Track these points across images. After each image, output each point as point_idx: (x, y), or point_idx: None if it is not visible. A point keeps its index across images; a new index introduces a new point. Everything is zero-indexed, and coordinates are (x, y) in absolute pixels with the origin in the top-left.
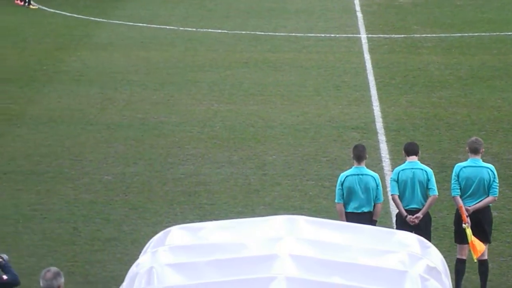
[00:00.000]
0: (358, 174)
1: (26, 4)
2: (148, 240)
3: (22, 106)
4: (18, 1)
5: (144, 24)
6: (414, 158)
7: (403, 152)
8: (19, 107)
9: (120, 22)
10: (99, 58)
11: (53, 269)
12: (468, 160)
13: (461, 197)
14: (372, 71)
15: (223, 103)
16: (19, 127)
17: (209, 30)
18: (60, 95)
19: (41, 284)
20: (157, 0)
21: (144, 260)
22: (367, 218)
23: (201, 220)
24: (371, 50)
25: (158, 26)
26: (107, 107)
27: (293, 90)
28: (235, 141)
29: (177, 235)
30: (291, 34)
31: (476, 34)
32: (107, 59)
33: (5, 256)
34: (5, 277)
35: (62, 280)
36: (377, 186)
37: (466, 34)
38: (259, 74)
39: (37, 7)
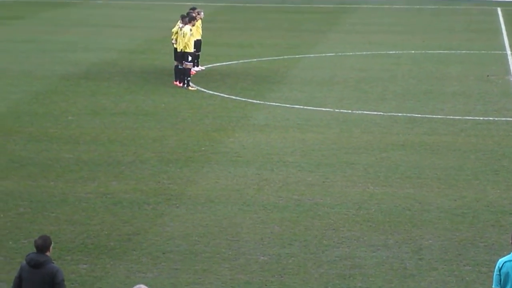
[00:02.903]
0: None
1: (185, 85)
2: None
3: (181, 186)
4: (177, 83)
5: (300, 106)
6: None
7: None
8: (178, 187)
9: (276, 104)
10: (256, 139)
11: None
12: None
13: None
14: None
15: (379, 186)
16: (178, 207)
17: (365, 112)
18: (218, 176)
19: None
20: (313, 82)
21: None
22: None
23: None
24: None
25: (314, 108)
26: (263, 188)
27: (451, 173)
28: (391, 224)
29: None
30: (448, 116)
31: None
32: (264, 140)
33: None
34: None
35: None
36: None
37: None
38: (415, 156)
39: (195, 89)
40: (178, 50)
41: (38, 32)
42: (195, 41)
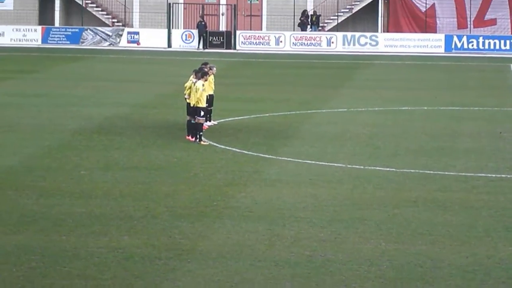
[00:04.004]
0: None
1: (197, 140)
2: None
3: (193, 241)
4: (189, 137)
5: (312, 161)
6: None
7: None
8: (190, 242)
9: (288, 159)
10: (268, 195)
11: None
12: None
13: None
14: None
15: (391, 242)
16: (189, 262)
17: (377, 168)
18: (229, 231)
19: None
20: (325, 138)
21: None
22: None
23: None
24: None
25: (326, 163)
26: (275, 243)
27: (463, 230)
28: (403, 281)
29: None
30: (460, 173)
31: None
32: (276, 196)
33: None
34: None
35: None
36: None
37: None
38: (427, 213)
39: (208, 144)
40: (191, 105)
41: (50, 86)
42: (207, 96)
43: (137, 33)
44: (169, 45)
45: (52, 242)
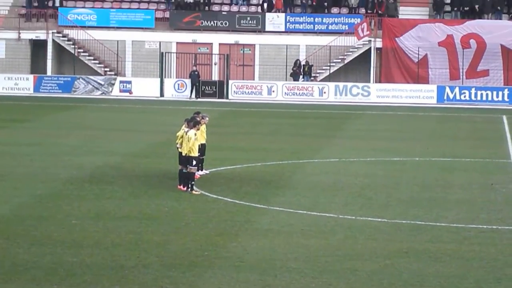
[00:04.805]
0: None
1: (189, 190)
2: None
3: None
4: (181, 187)
5: (304, 212)
6: None
7: None
8: None
9: (280, 208)
10: (260, 244)
11: None
12: None
13: None
14: None
15: None
16: None
17: (369, 218)
18: (221, 281)
19: None
20: (317, 188)
21: None
22: None
23: None
24: None
25: (318, 213)
26: None
27: (454, 281)
28: None
29: None
30: (452, 224)
31: None
32: (267, 246)
33: None
34: None
35: None
36: None
37: None
38: (419, 264)
39: (199, 193)
40: (183, 154)
41: (42, 135)
42: (199, 145)
43: (130, 82)
44: (162, 94)
45: None
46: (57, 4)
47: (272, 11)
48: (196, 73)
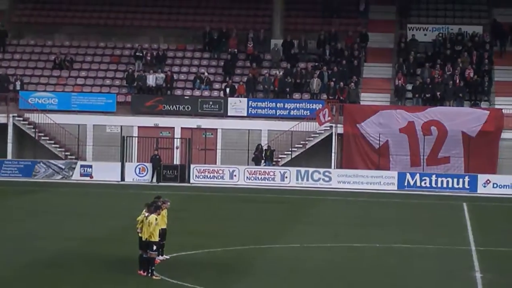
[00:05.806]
0: None
1: (149, 274)
2: None
3: None
4: (141, 272)
5: None
6: None
7: None
8: None
9: None
10: None
11: None
12: None
13: None
14: None
15: None
16: None
17: None
18: None
19: None
20: (278, 274)
21: None
22: None
23: None
24: None
25: None
26: None
27: None
28: None
29: None
30: None
31: None
32: None
33: None
34: None
35: None
36: None
37: None
38: None
39: (160, 278)
40: (143, 239)
41: (1, 220)
42: (160, 230)
43: (90, 166)
44: (122, 179)
45: None
46: (18, 87)
47: (234, 96)
48: (158, 157)
